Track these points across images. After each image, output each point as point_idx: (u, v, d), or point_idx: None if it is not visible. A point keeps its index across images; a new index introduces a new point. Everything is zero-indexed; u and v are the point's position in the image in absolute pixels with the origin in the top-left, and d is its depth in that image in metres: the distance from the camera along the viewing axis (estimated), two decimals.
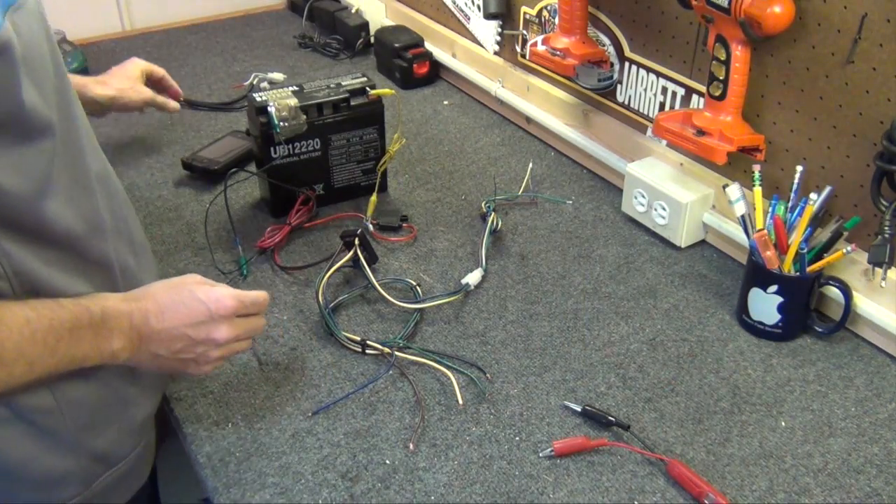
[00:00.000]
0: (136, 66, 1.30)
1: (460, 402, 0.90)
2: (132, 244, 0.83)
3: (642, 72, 1.22)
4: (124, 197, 0.83)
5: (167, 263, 1.13)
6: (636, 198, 1.18)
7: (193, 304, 0.76)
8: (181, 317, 0.76)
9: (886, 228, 0.90)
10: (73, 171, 0.70)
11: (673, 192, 1.13)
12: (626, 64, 1.24)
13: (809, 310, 1.00)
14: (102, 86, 1.24)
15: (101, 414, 0.76)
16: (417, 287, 1.07)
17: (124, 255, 0.79)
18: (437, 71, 1.67)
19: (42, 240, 0.68)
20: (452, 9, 1.61)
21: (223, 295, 0.78)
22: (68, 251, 0.71)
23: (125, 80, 1.27)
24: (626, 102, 1.27)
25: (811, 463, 0.84)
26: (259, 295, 0.83)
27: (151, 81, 1.33)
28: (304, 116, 1.14)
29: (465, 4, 1.57)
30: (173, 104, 1.34)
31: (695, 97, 1.14)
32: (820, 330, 0.99)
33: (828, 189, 0.96)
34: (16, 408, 0.69)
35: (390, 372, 0.95)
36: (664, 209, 1.14)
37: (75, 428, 0.74)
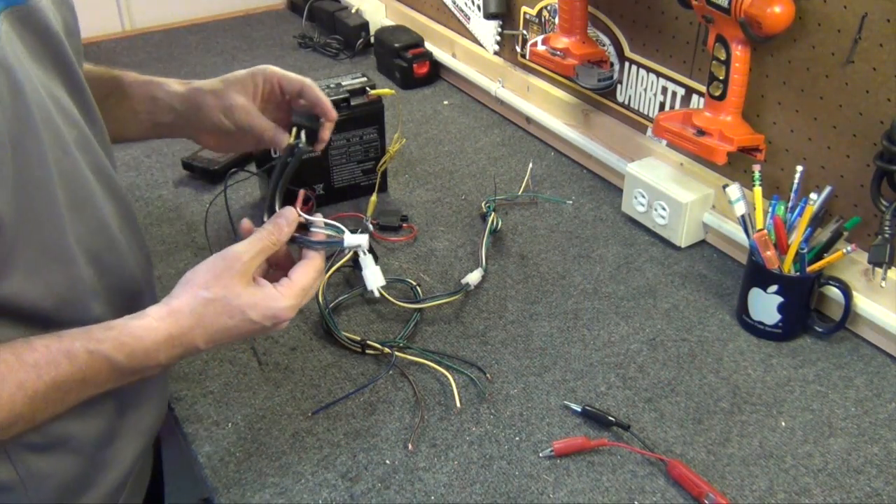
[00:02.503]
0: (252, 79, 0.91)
1: (458, 404, 0.90)
2: (133, 300, 0.74)
3: (642, 72, 1.22)
4: (123, 244, 0.73)
5: (167, 263, 1.13)
6: (636, 198, 1.18)
7: (247, 325, 0.69)
8: (237, 335, 0.70)
9: (886, 228, 0.90)
10: (40, 245, 0.62)
11: (673, 192, 1.13)
12: (626, 64, 1.24)
13: (809, 310, 1.00)
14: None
15: (73, 485, 0.70)
16: (417, 287, 1.07)
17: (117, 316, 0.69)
18: (437, 71, 1.67)
19: (4, 317, 0.62)
20: (452, 9, 1.61)
21: (281, 309, 0.70)
22: (35, 326, 0.64)
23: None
24: (626, 102, 1.27)
25: (811, 463, 0.84)
26: (311, 277, 0.73)
27: (281, 102, 0.93)
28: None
29: (465, 4, 1.57)
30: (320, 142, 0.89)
31: (695, 97, 1.14)
32: (820, 330, 0.99)
33: (828, 189, 0.96)
34: None
35: (390, 372, 0.95)
36: (664, 209, 1.14)
37: None
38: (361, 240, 0.78)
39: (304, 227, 0.78)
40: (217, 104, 0.86)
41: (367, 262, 0.82)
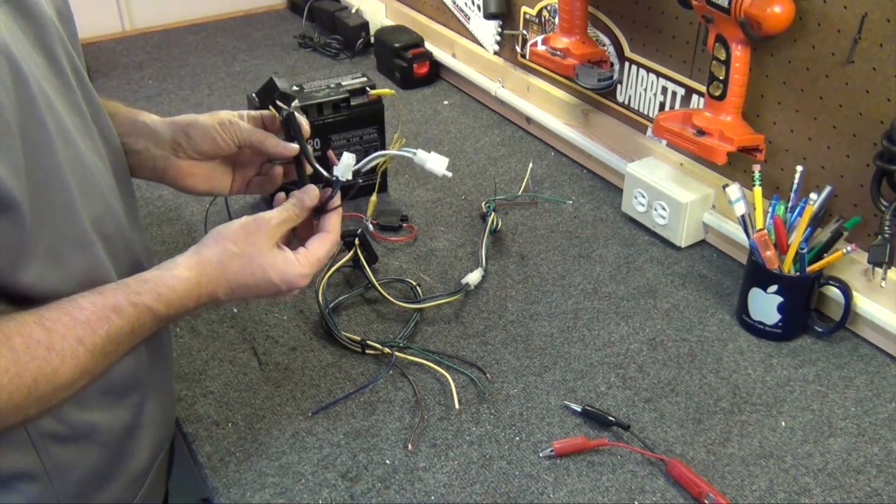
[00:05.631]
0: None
1: (456, 406, 0.90)
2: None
3: (642, 72, 1.22)
4: (129, 231, 0.74)
5: None
6: (636, 198, 1.18)
7: (265, 284, 0.73)
8: (254, 293, 0.73)
9: (886, 228, 0.90)
10: (57, 231, 0.63)
11: (673, 192, 1.13)
12: (626, 64, 1.24)
13: (809, 310, 1.00)
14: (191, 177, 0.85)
15: (96, 476, 0.71)
16: (417, 287, 1.07)
17: None
18: (437, 71, 1.67)
19: (24, 305, 0.62)
20: (452, 9, 1.61)
21: (297, 276, 0.74)
22: None
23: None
24: (626, 102, 1.27)
25: (811, 463, 0.84)
26: (326, 249, 0.77)
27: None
28: (305, 116, 1.14)
29: (465, 4, 1.57)
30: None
31: (695, 97, 1.14)
32: (820, 330, 0.99)
33: (828, 189, 0.96)
34: None
35: (390, 372, 0.95)
36: (664, 209, 1.14)
37: (65, 495, 0.69)
38: (349, 160, 0.81)
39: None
40: (212, 119, 0.84)
41: (422, 156, 0.83)
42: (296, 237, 0.80)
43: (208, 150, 0.84)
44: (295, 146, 0.84)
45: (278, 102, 0.83)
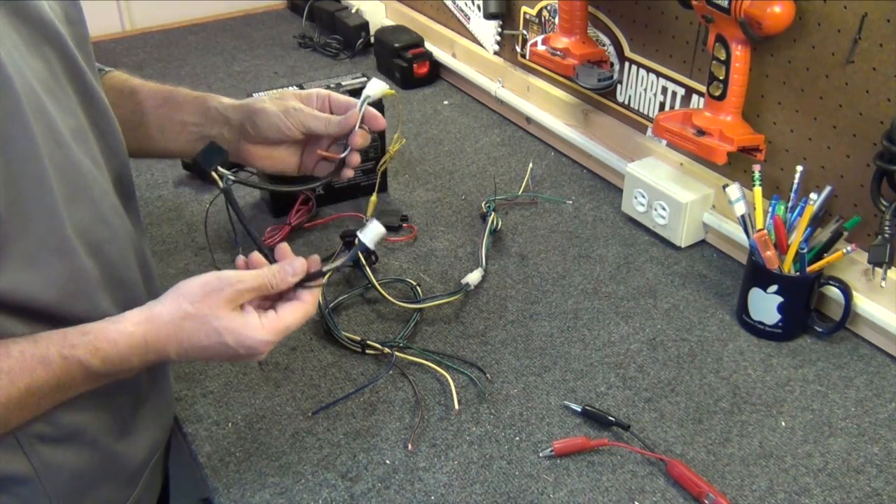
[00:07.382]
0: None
1: (456, 406, 0.90)
2: (133, 294, 0.74)
3: (642, 72, 1.22)
4: (124, 237, 0.73)
5: (167, 263, 1.13)
6: (636, 198, 1.18)
7: (220, 347, 0.68)
8: (210, 354, 0.69)
9: (886, 228, 0.90)
10: (36, 237, 0.61)
11: (673, 192, 1.13)
12: (626, 64, 1.24)
13: (809, 310, 1.00)
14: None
15: (87, 477, 0.71)
16: (417, 287, 1.07)
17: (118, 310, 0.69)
18: (437, 71, 1.67)
19: (4, 312, 0.61)
20: (452, 9, 1.61)
21: (258, 342, 0.68)
22: (41, 320, 0.64)
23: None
24: (626, 102, 1.27)
25: (811, 463, 0.84)
26: (297, 319, 0.71)
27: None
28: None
29: (465, 4, 1.57)
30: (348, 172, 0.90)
31: (695, 97, 1.14)
32: (820, 330, 0.99)
33: (828, 189, 0.96)
34: None
35: (390, 372, 0.95)
36: (664, 209, 1.14)
37: (56, 496, 0.69)
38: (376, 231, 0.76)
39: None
40: (278, 105, 0.86)
41: (368, 227, 0.77)
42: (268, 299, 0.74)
43: (273, 137, 0.87)
44: (337, 119, 0.86)
45: (220, 169, 0.77)
